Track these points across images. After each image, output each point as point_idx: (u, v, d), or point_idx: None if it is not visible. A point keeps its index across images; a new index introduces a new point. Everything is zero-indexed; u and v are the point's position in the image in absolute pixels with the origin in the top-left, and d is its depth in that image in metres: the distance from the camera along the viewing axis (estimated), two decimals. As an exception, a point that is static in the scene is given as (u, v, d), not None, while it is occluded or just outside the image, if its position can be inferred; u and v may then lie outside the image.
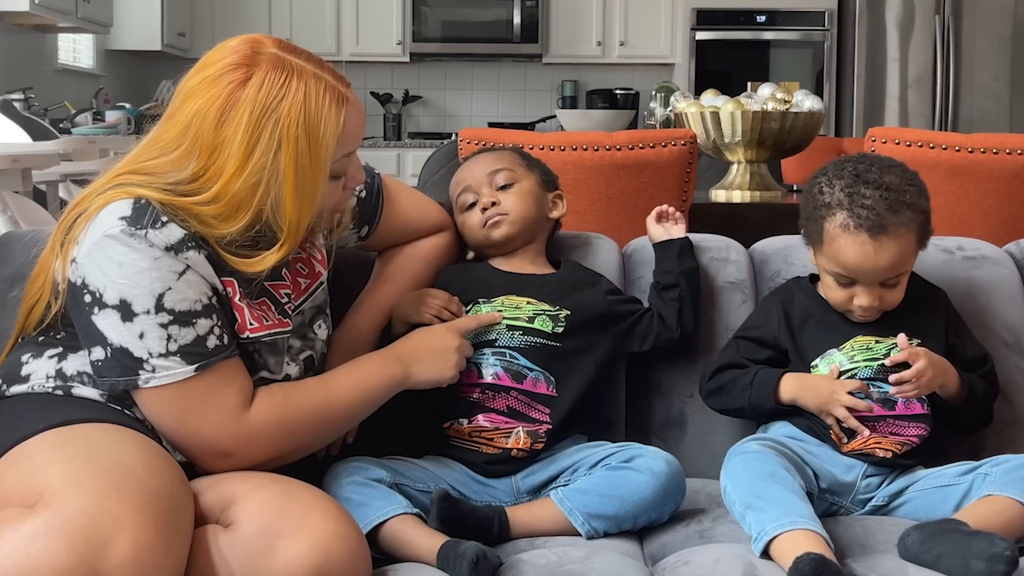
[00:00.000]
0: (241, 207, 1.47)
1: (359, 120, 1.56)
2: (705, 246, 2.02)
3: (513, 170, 1.91)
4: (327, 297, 1.75)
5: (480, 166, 1.92)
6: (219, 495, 1.43)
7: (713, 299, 1.98)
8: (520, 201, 1.88)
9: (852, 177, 1.72)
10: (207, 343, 1.47)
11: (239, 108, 1.46)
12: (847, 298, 1.74)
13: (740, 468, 1.61)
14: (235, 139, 1.46)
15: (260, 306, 1.58)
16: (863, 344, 1.76)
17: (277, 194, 1.48)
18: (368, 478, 1.61)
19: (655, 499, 1.63)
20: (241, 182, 1.46)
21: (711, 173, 4.02)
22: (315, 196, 1.50)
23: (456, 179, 1.94)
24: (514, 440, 1.74)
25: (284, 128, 1.46)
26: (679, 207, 2.85)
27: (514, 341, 1.78)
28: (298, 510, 1.38)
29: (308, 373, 1.67)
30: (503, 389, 1.75)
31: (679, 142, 2.80)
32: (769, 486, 1.56)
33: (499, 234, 1.87)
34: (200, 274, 1.47)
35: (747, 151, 3.30)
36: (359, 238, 1.84)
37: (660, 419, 1.96)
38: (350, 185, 1.61)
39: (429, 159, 4.10)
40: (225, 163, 1.46)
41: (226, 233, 1.48)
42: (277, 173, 1.47)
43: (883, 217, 1.68)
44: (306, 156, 1.47)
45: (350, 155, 1.57)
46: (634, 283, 2.01)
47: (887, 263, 1.69)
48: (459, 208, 1.91)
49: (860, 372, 1.74)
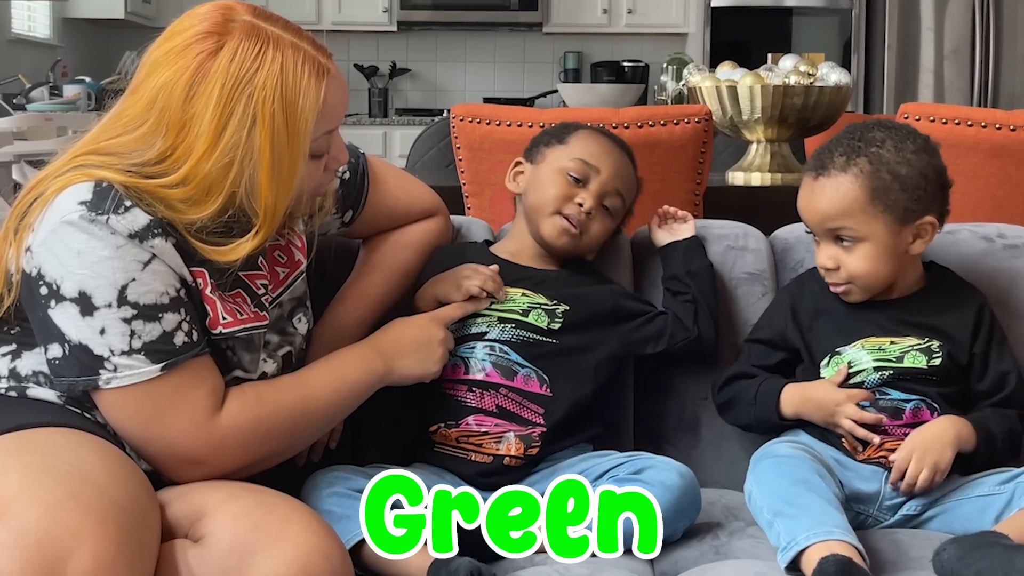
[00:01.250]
0: (212, 190, 1.47)
1: (341, 94, 1.55)
2: (721, 233, 2.02)
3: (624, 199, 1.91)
4: (307, 288, 1.75)
5: (617, 158, 1.90)
6: (188, 506, 1.43)
7: (730, 292, 1.98)
8: (606, 227, 1.89)
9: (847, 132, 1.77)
10: (174, 340, 1.46)
11: (209, 81, 1.45)
12: (820, 263, 1.78)
13: (770, 472, 1.62)
14: (205, 115, 1.45)
15: (234, 298, 1.57)
16: (875, 344, 1.76)
17: (252, 175, 1.47)
18: (351, 489, 1.60)
19: (668, 515, 1.62)
20: (212, 162, 1.46)
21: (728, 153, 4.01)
22: (293, 177, 1.50)
23: (583, 145, 1.89)
24: (505, 446, 1.73)
25: (259, 102, 1.46)
26: (692, 190, 2.85)
27: (505, 335, 1.78)
28: (275, 523, 1.38)
29: (286, 371, 1.67)
30: (492, 386, 1.76)
31: (693, 119, 2.79)
32: (802, 493, 1.56)
33: (583, 247, 1.88)
34: (167, 264, 1.46)
35: (767, 129, 3.30)
36: (342, 224, 1.84)
37: (671, 423, 1.96)
38: (332, 166, 1.61)
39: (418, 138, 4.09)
40: (194, 142, 1.46)
41: (196, 219, 1.48)
42: (252, 152, 1.46)
43: (830, 160, 1.73)
44: (283, 133, 1.47)
45: (332, 132, 1.57)
46: (644, 274, 2.01)
47: (822, 206, 1.73)
48: (554, 179, 1.87)
49: (869, 377, 1.74)
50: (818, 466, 1.62)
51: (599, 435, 1.83)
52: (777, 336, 1.84)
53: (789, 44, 6.39)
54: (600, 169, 1.86)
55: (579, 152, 1.88)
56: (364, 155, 1.85)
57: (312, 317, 1.76)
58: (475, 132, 2.78)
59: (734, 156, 3.77)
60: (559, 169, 1.87)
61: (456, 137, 2.86)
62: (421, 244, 1.89)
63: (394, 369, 1.67)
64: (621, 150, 1.93)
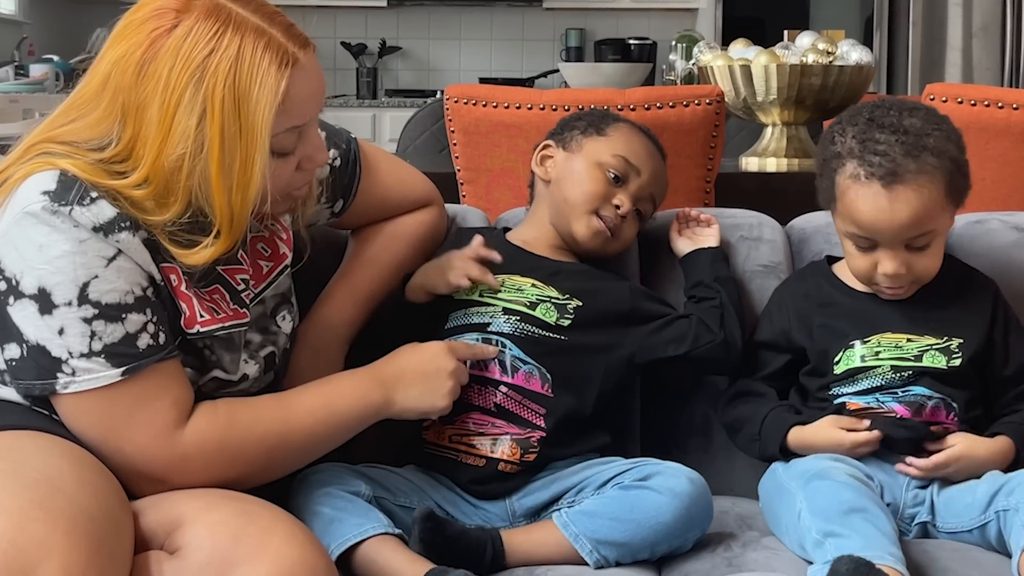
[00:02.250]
0: (170, 189, 1.45)
1: (311, 87, 1.52)
2: (734, 223, 2.02)
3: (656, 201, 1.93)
4: (292, 283, 1.74)
5: (657, 162, 1.91)
6: (164, 516, 1.42)
7: (744, 286, 1.98)
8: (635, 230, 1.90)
9: (866, 123, 1.73)
10: (137, 342, 1.45)
11: (160, 61, 1.43)
12: (870, 266, 1.75)
13: (825, 495, 1.59)
14: (155, 99, 1.44)
15: (211, 295, 1.57)
16: (891, 341, 1.76)
17: (204, 171, 1.44)
18: (344, 490, 1.61)
19: (676, 524, 1.62)
20: (165, 156, 1.44)
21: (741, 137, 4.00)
22: (250, 177, 1.46)
23: (625, 141, 1.89)
24: (500, 450, 1.73)
25: (209, 90, 1.43)
26: (703, 177, 2.85)
27: (508, 327, 1.78)
28: (256, 534, 1.37)
29: (268, 372, 1.66)
30: (492, 383, 1.75)
31: (703, 101, 2.79)
32: (858, 522, 1.55)
33: (611, 249, 1.89)
34: (134, 260, 1.46)
35: (783, 111, 3.29)
36: (332, 214, 1.83)
37: (681, 427, 1.96)
38: (307, 166, 1.58)
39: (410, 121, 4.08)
40: (149, 132, 1.44)
41: (161, 221, 1.46)
42: (202, 145, 1.43)
43: (897, 163, 1.68)
44: (233, 126, 1.44)
45: (301, 129, 1.54)
46: (651, 265, 2.01)
47: (906, 218, 1.69)
48: (593, 175, 1.87)
49: (885, 377, 1.74)
50: (877, 497, 1.62)
51: (607, 444, 1.82)
52: (781, 337, 1.84)
53: (807, 20, 6.39)
54: (641, 171, 1.87)
55: (621, 149, 1.88)
56: (356, 140, 1.84)
57: (297, 315, 1.75)
58: (470, 115, 2.78)
59: (748, 140, 3.76)
60: (599, 164, 1.87)
61: (450, 120, 2.85)
62: (415, 236, 1.89)
63: (394, 401, 1.64)
64: (659, 152, 1.94)
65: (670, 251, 1.99)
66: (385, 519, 1.59)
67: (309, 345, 1.76)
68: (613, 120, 1.93)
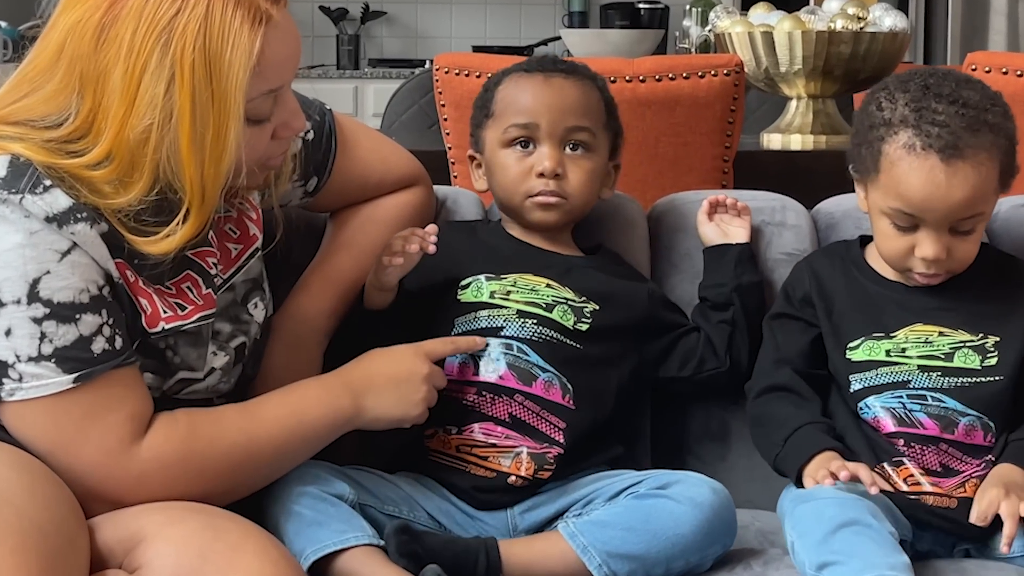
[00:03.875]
0: (136, 164, 1.45)
1: (288, 47, 1.52)
2: (755, 206, 2.01)
3: (594, 132, 1.86)
4: (264, 268, 1.74)
5: (560, 103, 1.85)
6: (123, 531, 1.43)
7: (765, 276, 1.98)
8: (587, 182, 1.85)
9: (920, 90, 1.73)
10: (92, 346, 1.45)
11: (121, 24, 1.43)
12: (906, 249, 1.74)
13: (810, 519, 1.60)
14: (117, 67, 1.43)
15: (180, 284, 1.57)
16: (921, 335, 1.76)
17: (173, 142, 1.44)
18: (327, 492, 1.61)
19: (697, 537, 1.62)
20: (130, 127, 1.43)
21: (762, 112, 4.01)
22: (223, 147, 1.46)
23: (516, 102, 1.87)
24: (514, 463, 1.73)
25: (177, 52, 1.42)
26: (720, 155, 2.85)
27: (525, 331, 1.78)
28: (224, 550, 1.37)
29: (238, 365, 1.67)
30: (507, 391, 1.75)
31: (721, 72, 2.79)
32: (848, 538, 1.55)
33: (548, 219, 1.86)
34: (90, 255, 1.45)
35: (809, 83, 3.29)
36: (305, 194, 1.83)
37: (696, 432, 1.97)
38: (283, 134, 1.59)
39: (396, 94, 4.08)
40: (111, 103, 1.44)
41: (125, 202, 1.46)
42: (171, 114, 1.43)
43: (959, 137, 1.67)
44: (205, 91, 1.43)
45: (277, 93, 1.54)
46: (663, 256, 2.01)
47: (961, 197, 1.68)
48: (499, 138, 1.86)
49: (913, 376, 1.74)
50: (868, 503, 1.61)
51: (619, 456, 1.82)
52: (801, 312, 1.84)
53: (835, -18, 6.38)
54: (539, 121, 1.84)
55: (509, 114, 1.86)
56: (331, 112, 1.84)
57: (271, 303, 1.75)
58: (463, 87, 2.77)
59: (770, 115, 3.76)
60: (500, 144, 1.86)
61: (440, 93, 2.85)
62: (398, 219, 1.88)
63: (365, 408, 1.64)
64: (555, 73, 1.88)
65: (683, 238, 2.00)
66: (369, 528, 1.59)
67: (284, 339, 1.76)
68: (495, 86, 1.91)
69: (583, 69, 1.91)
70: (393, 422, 1.67)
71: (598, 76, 1.92)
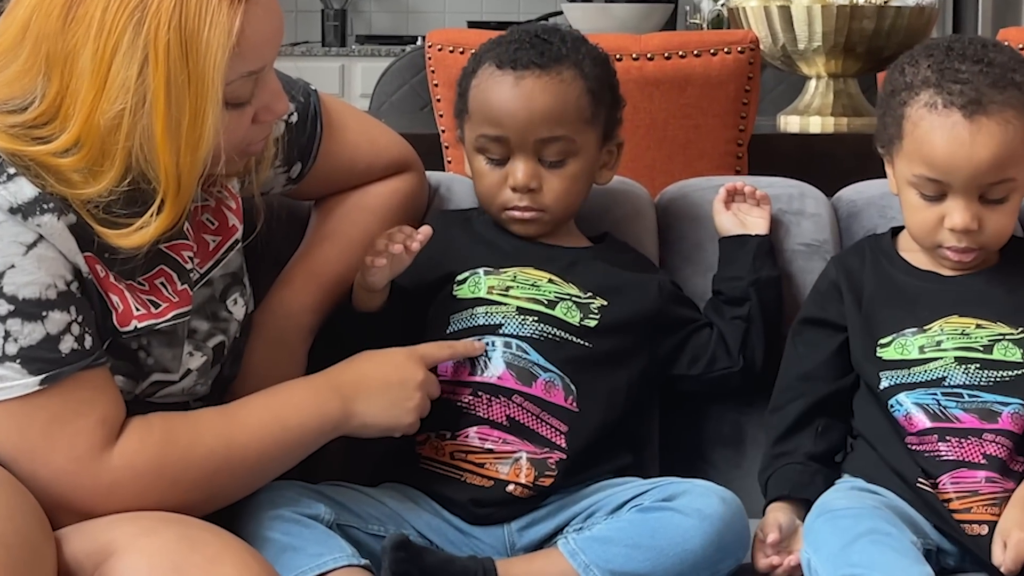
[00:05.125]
0: (107, 151, 1.45)
1: (270, 25, 1.51)
2: (772, 194, 2.02)
3: (573, 138, 1.81)
4: (244, 261, 1.74)
5: (529, 113, 1.79)
6: (92, 543, 1.42)
7: (783, 268, 1.98)
8: (567, 189, 1.82)
9: (944, 52, 1.75)
10: (59, 346, 1.44)
11: (90, 1, 1.42)
12: (935, 221, 1.74)
13: (825, 532, 1.61)
14: (86, 47, 1.43)
15: (154, 280, 1.57)
16: (957, 327, 1.76)
17: (147, 128, 1.44)
18: (301, 513, 1.60)
19: (706, 552, 1.62)
20: (100, 112, 1.43)
21: (779, 92, 4.01)
22: (200, 133, 1.45)
23: (485, 108, 1.82)
24: (512, 470, 1.73)
25: (151, 32, 1.42)
26: (734, 139, 2.85)
27: (526, 329, 1.78)
28: (201, 564, 1.37)
29: (216, 366, 1.67)
30: (504, 392, 1.75)
31: (735, 49, 2.80)
32: (867, 548, 1.55)
33: (528, 231, 1.85)
34: (57, 249, 1.45)
35: (829, 61, 3.29)
36: (288, 181, 1.83)
37: (708, 436, 1.97)
38: (265, 118, 1.58)
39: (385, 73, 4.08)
40: (81, 85, 1.44)
41: (95, 192, 1.46)
42: (144, 98, 1.43)
43: (983, 93, 1.69)
44: (181, 73, 1.43)
45: (258, 74, 1.53)
46: (672, 247, 2.02)
47: (987, 156, 1.69)
48: (471, 148, 1.85)
49: (949, 372, 1.74)
50: (887, 512, 1.62)
51: (628, 464, 1.82)
52: (831, 315, 1.85)
53: (857, -47, 6.38)
54: (507, 133, 1.80)
55: (479, 121, 1.83)
56: (316, 93, 1.84)
57: (251, 298, 1.75)
58: (457, 65, 2.76)
59: (787, 96, 3.77)
60: (475, 150, 1.85)
61: (433, 72, 2.85)
62: (388, 207, 1.88)
63: (354, 413, 1.64)
64: (527, 72, 1.81)
65: (694, 228, 2.00)
66: (349, 548, 1.58)
67: (265, 336, 1.76)
68: (470, 74, 1.87)
69: (566, 54, 1.83)
70: (383, 429, 1.66)
71: (587, 57, 1.85)
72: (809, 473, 1.78)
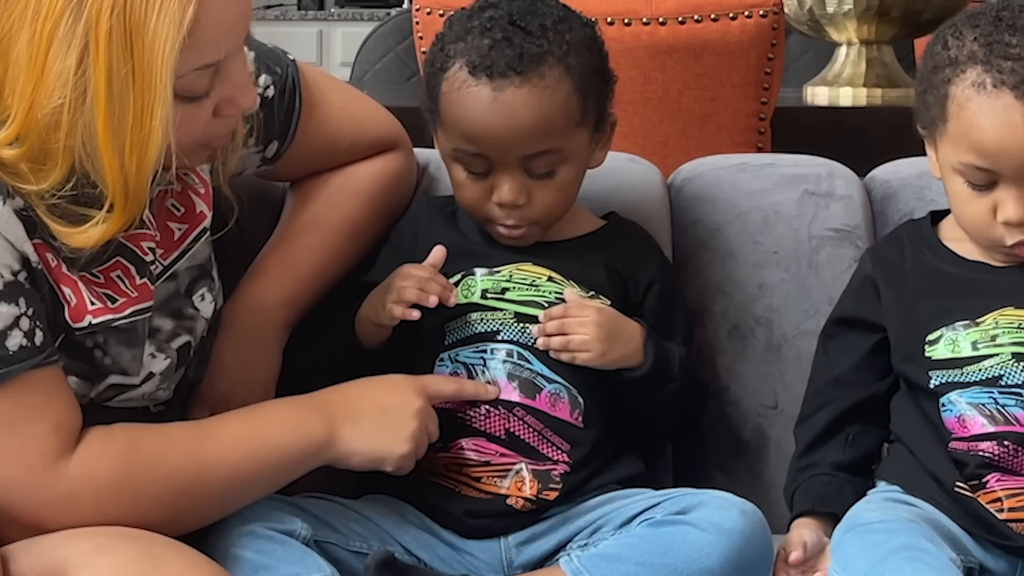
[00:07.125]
0: (48, 150, 1.43)
1: (230, 10, 1.48)
2: (797, 173, 2.02)
3: (562, 146, 1.77)
4: (212, 252, 1.74)
5: (511, 131, 1.72)
6: (44, 562, 1.42)
7: (810, 257, 1.99)
8: (560, 196, 1.79)
9: (992, 23, 1.73)
10: (7, 343, 1.44)
11: None
12: (987, 212, 1.74)
13: (855, 548, 1.61)
14: (23, 31, 1.41)
15: (109, 273, 1.56)
16: (1013, 320, 1.76)
17: (88, 127, 1.42)
18: (275, 529, 1.60)
19: (725, 571, 1.62)
20: (39, 107, 1.41)
21: (805, 60, 4.01)
22: (147, 134, 1.43)
23: (461, 123, 1.75)
24: (514, 483, 1.73)
25: (92, 18, 1.39)
26: (756, 112, 2.85)
27: (526, 336, 1.78)
28: (164, 585, 1.37)
29: (180, 369, 1.67)
30: (505, 404, 1.75)
31: (756, 13, 2.80)
32: (900, 566, 1.55)
33: (518, 243, 1.82)
34: (3, 235, 1.44)
35: (861, 27, 3.29)
36: (263, 161, 1.83)
37: (725, 443, 1.97)
38: (227, 111, 1.55)
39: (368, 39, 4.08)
40: (18, 73, 1.42)
41: (40, 189, 1.45)
42: (84, 94, 1.41)
43: None
44: (125, 66, 1.40)
45: (218, 66, 1.51)
46: (685, 230, 2.02)
47: None
48: (447, 156, 1.80)
49: (1007, 369, 1.74)
50: (922, 527, 1.63)
51: (638, 474, 1.82)
52: (867, 313, 1.85)
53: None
54: (488, 151, 1.75)
55: (453, 133, 1.77)
56: (295, 63, 1.84)
57: (221, 294, 1.75)
58: (448, 30, 2.77)
59: (815, 64, 3.77)
60: (451, 159, 1.80)
61: (421, 38, 2.85)
62: (373, 190, 1.89)
63: (341, 438, 1.63)
64: (506, 81, 1.73)
65: (711, 211, 2.01)
66: (328, 567, 1.58)
67: (236, 332, 1.77)
68: (439, 71, 1.79)
69: (548, 48, 1.75)
70: (372, 459, 1.65)
71: (571, 45, 1.77)
72: (836, 484, 1.79)
